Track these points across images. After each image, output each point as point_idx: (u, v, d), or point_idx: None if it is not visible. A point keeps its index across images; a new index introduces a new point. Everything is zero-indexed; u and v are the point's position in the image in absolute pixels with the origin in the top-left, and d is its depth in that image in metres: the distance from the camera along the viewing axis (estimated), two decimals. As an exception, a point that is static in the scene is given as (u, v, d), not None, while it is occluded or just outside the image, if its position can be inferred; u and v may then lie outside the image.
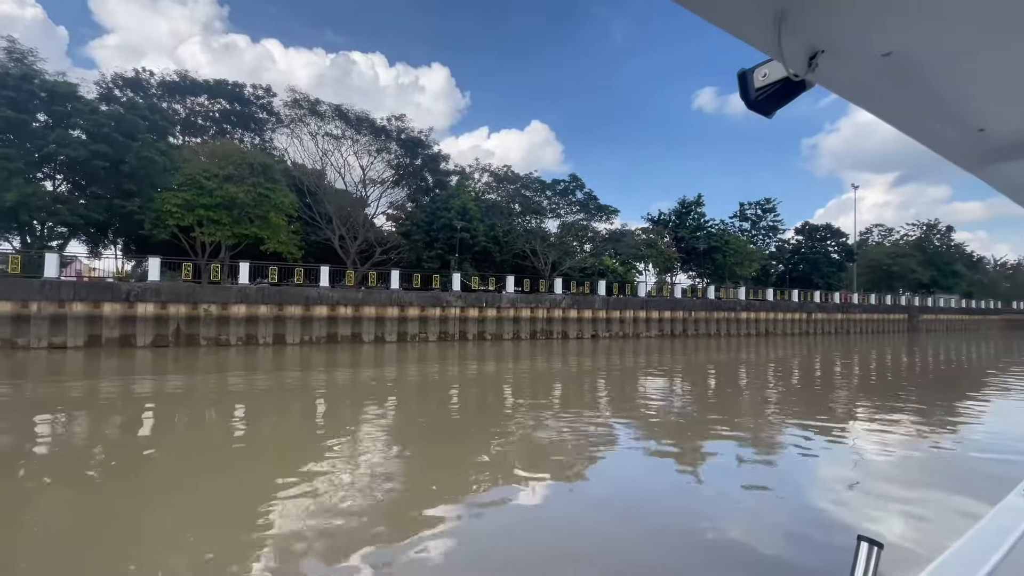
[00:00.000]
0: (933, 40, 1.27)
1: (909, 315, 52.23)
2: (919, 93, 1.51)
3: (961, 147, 1.90)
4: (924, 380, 17.92)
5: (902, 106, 1.57)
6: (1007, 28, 1.21)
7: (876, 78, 1.40)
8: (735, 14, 1.13)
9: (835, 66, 1.29)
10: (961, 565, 1.74)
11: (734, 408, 12.07)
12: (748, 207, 58.26)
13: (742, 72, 1.33)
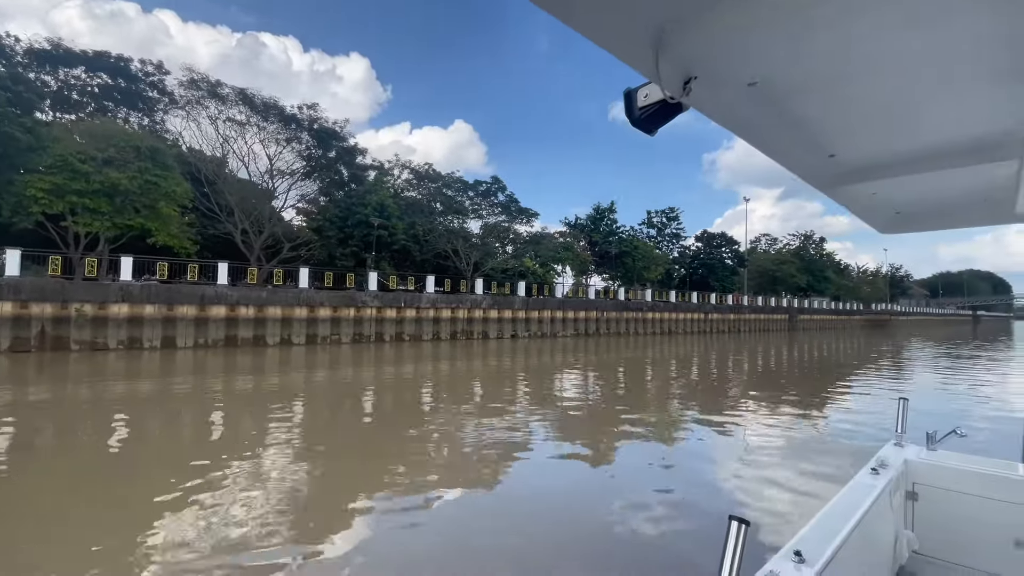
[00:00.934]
0: (792, 73, 1.38)
1: (789, 315, 58.76)
2: (780, 120, 1.61)
3: (816, 170, 2.04)
4: (801, 372, 20.30)
5: (766, 131, 1.67)
6: (854, 63, 1.32)
7: (743, 105, 1.49)
8: (617, 38, 1.17)
9: (707, 92, 1.36)
10: (818, 537, 1.97)
11: (641, 401, 12.87)
12: (655, 215, 62.44)
13: (628, 91, 1.39)
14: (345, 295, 26.27)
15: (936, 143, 1.80)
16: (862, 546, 2.31)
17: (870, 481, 2.60)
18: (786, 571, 1.68)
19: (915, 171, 1.97)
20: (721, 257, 66.38)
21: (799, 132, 1.70)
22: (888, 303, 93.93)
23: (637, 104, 1.40)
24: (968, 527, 2.82)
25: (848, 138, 1.81)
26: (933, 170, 1.94)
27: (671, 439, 9.05)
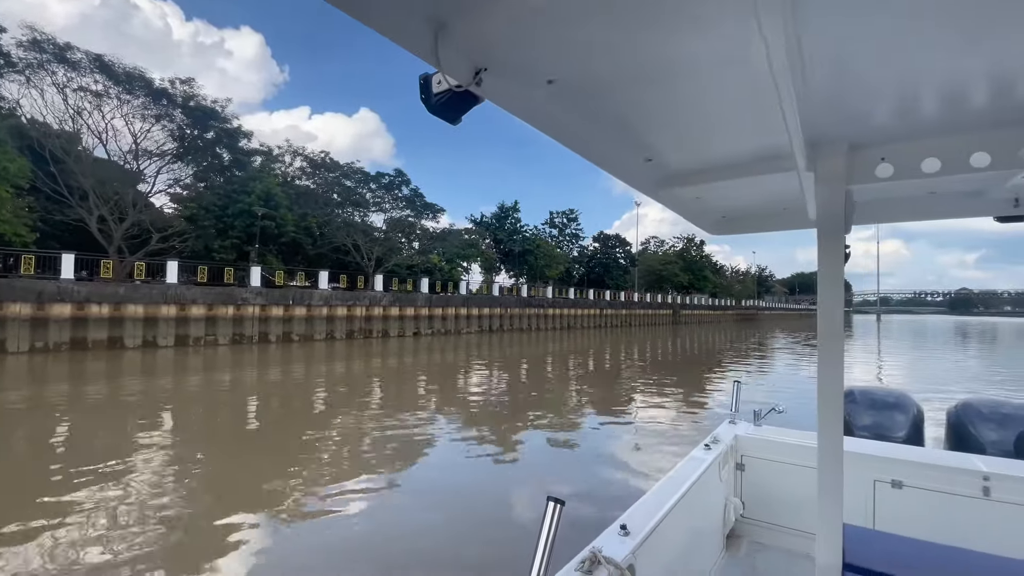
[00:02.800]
0: (592, 73, 1.30)
1: (673, 311, 64.24)
2: (590, 122, 1.52)
3: (635, 174, 1.98)
4: (684, 361, 22.22)
5: (576, 132, 1.56)
6: (653, 67, 1.27)
7: (546, 102, 1.38)
8: (393, 23, 1.06)
9: (502, 85, 1.25)
10: (645, 510, 2.12)
11: (542, 394, 13.22)
12: (557, 216, 64.89)
13: (424, 76, 1.26)
14: (223, 292, 23.83)
15: (739, 152, 1.86)
16: (692, 514, 2.50)
17: (703, 455, 2.86)
18: (610, 545, 1.77)
19: (725, 178, 2.01)
20: (616, 257, 70.74)
21: (611, 135, 1.64)
22: (756, 299, 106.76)
23: (432, 90, 1.26)
24: (783, 491, 3.20)
25: (661, 143, 1.76)
26: (739, 177, 2.01)
27: (568, 429, 9.38)
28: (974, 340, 41.03)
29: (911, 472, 2.83)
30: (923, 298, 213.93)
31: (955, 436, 3.46)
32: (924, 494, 2.76)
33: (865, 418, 3.60)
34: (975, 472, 2.69)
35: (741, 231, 2.89)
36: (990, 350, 31.50)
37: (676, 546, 2.30)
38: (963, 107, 1.51)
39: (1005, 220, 2.25)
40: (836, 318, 2.05)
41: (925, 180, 2.19)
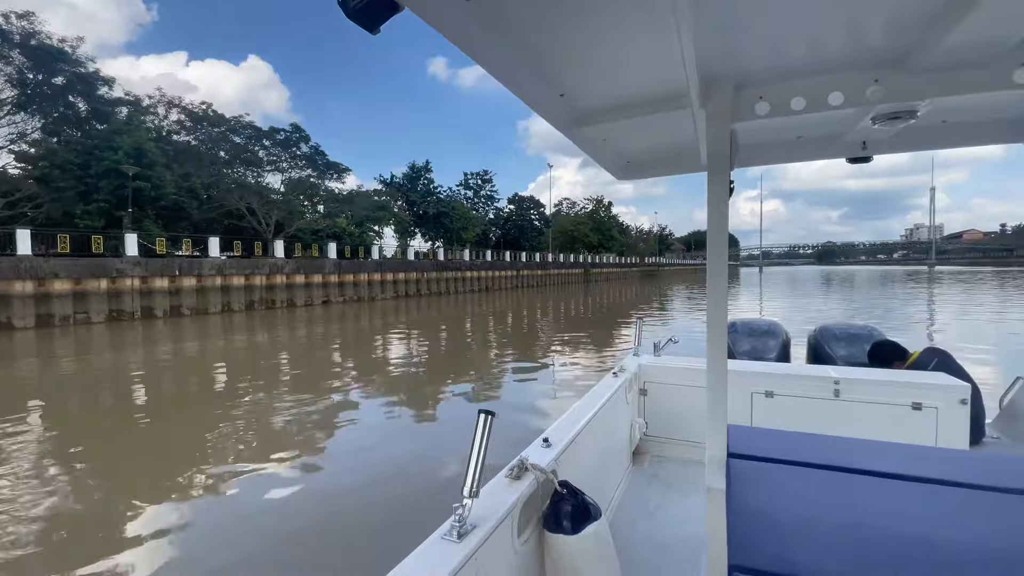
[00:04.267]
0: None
1: (585, 269, 67.09)
2: (508, 48, 1.51)
3: (551, 109, 2.00)
4: (595, 314, 23.39)
5: (496, 57, 1.55)
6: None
7: (466, 22, 1.34)
8: None
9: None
10: (564, 427, 2.42)
11: (463, 354, 13.26)
12: (471, 177, 63.95)
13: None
14: (92, 263, 20.85)
15: (643, 91, 1.94)
16: (602, 431, 2.85)
17: (611, 382, 3.25)
18: (535, 455, 2.02)
19: (631, 116, 2.11)
20: (531, 219, 71.75)
21: (530, 64, 1.64)
22: (657, 257, 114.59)
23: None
24: (680, 409, 3.71)
25: (573, 79, 1.80)
26: (643, 115, 2.09)
27: (491, 385, 9.52)
28: (835, 285, 47.54)
29: (780, 383, 3.36)
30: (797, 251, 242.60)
31: (814, 353, 4.25)
32: (790, 399, 3.31)
33: (745, 344, 4.29)
34: (828, 379, 3.25)
35: (644, 176, 3.05)
36: (848, 292, 36.82)
37: (591, 458, 2.61)
38: (824, 50, 1.66)
39: (854, 161, 2.52)
40: (722, 253, 2.22)
41: (795, 124, 2.39)
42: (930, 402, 3.02)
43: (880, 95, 1.71)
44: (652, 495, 3.15)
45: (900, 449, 2.15)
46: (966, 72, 1.62)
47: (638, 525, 2.82)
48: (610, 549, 1.83)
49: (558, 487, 1.82)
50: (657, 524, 2.82)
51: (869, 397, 3.13)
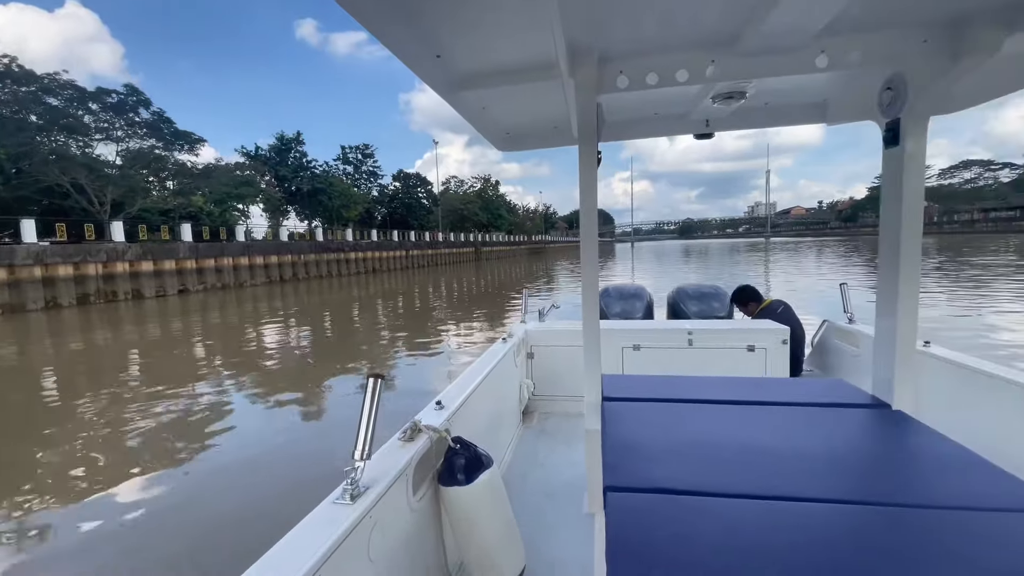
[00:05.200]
0: None
1: (476, 248, 67.59)
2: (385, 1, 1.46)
3: (429, 71, 1.96)
4: (488, 290, 23.73)
5: (371, 8, 1.50)
6: None
7: None
8: None
9: None
10: (456, 390, 2.48)
11: (350, 340, 12.63)
12: (350, 151, 60.27)
13: None
14: None
15: (517, 58, 1.97)
16: (493, 393, 3.01)
17: (500, 348, 3.46)
18: (428, 416, 2.12)
19: (507, 83, 2.14)
20: (418, 197, 70.02)
21: (406, 22, 1.60)
22: (543, 235, 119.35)
23: None
24: (562, 368, 4.06)
25: (449, 40, 1.78)
26: (517, 83, 2.14)
27: (385, 369, 9.22)
28: (694, 257, 53.69)
29: (645, 337, 3.83)
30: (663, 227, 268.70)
31: (672, 310, 4.86)
32: (654, 350, 3.80)
33: (616, 307, 4.75)
34: (683, 331, 3.78)
35: (523, 147, 3.17)
36: (704, 262, 41.87)
37: (483, 418, 2.77)
38: (673, 29, 1.83)
39: (700, 137, 2.86)
40: (592, 221, 2.41)
41: (652, 101, 2.64)
42: (760, 344, 3.62)
43: (717, 74, 1.96)
44: (541, 448, 3.39)
45: (738, 381, 2.55)
46: (780, 56, 1.91)
47: (529, 476, 3.02)
48: (502, 495, 1.95)
49: (451, 443, 1.88)
50: (546, 472, 3.05)
51: (715, 343, 3.68)
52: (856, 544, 1.21)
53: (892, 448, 1.82)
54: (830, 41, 1.85)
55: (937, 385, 2.74)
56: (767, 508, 1.36)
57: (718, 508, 1.38)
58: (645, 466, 1.64)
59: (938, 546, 1.19)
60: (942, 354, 2.74)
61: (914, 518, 1.30)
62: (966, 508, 1.32)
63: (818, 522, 1.29)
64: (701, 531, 1.28)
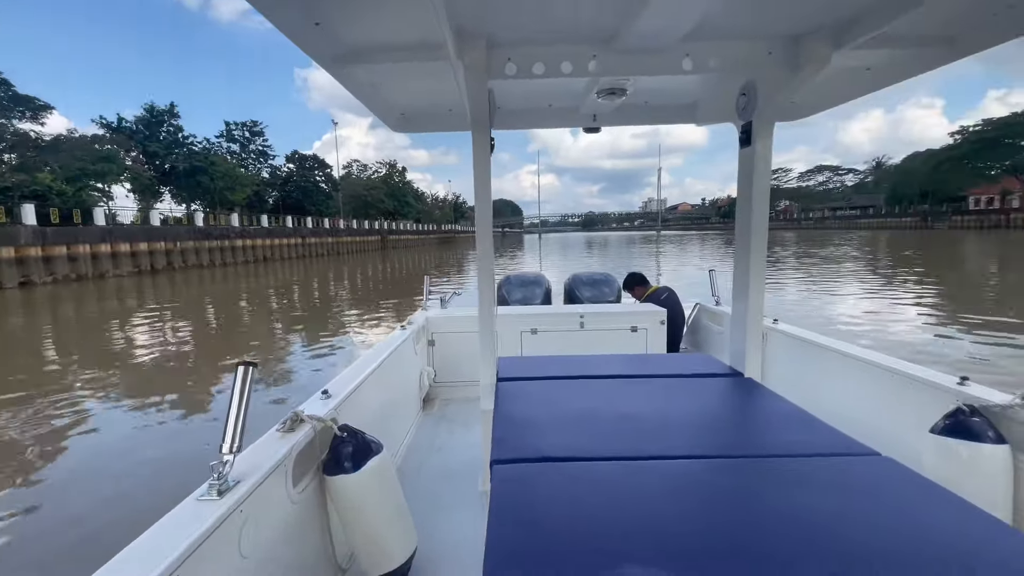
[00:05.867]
0: None
1: (382, 236, 65.23)
2: None
3: (306, 36, 1.84)
4: (395, 280, 23.00)
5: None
6: None
7: None
8: None
9: None
10: (352, 374, 2.43)
11: (237, 338, 11.55)
12: (235, 128, 54.88)
13: None
14: None
15: (405, 35, 1.91)
16: (390, 381, 2.95)
17: (398, 336, 3.41)
18: (312, 406, 2.03)
19: (395, 60, 2.07)
20: (315, 181, 65.70)
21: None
22: (453, 224, 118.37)
23: None
24: (462, 354, 4.11)
25: (327, 6, 1.67)
26: (407, 61, 2.08)
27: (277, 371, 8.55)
28: (595, 248, 56.62)
29: (542, 322, 4.02)
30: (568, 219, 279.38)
31: (568, 296, 5.11)
32: (550, 333, 4.00)
33: (517, 293, 4.90)
34: (576, 315, 4.02)
35: (419, 130, 3.10)
36: (604, 252, 44.34)
37: (378, 406, 2.69)
38: (556, 22, 1.90)
39: (589, 131, 3.02)
40: (486, 206, 2.45)
41: (545, 92, 2.73)
42: (642, 325, 3.96)
43: (599, 69, 2.07)
44: (440, 433, 3.41)
45: (620, 358, 2.76)
46: (653, 56, 2.07)
47: (426, 462, 3.03)
48: (392, 480, 1.93)
49: (338, 431, 1.82)
50: (444, 457, 3.08)
51: (603, 325, 3.96)
52: (709, 489, 1.39)
53: (741, 410, 2.09)
54: (694, 46, 2.04)
55: (781, 355, 3.19)
56: (637, 467, 1.52)
57: (595, 470, 1.51)
58: (531, 439, 1.73)
59: (771, 486, 1.40)
60: (786, 329, 3.19)
61: (754, 465, 1.53)
62: (794, 455, 1.57)
63: (679, 474, 1.48)
64: (579, 490, 1.39)
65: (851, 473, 1.48)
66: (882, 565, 1.04)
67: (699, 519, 1.24)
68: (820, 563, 1.05)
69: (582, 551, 1.11)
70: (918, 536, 1.15)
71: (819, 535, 1.16)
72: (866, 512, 1.25)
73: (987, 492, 1.74)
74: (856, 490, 1.37)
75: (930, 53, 1.99)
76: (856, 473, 1.47)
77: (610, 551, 1.11)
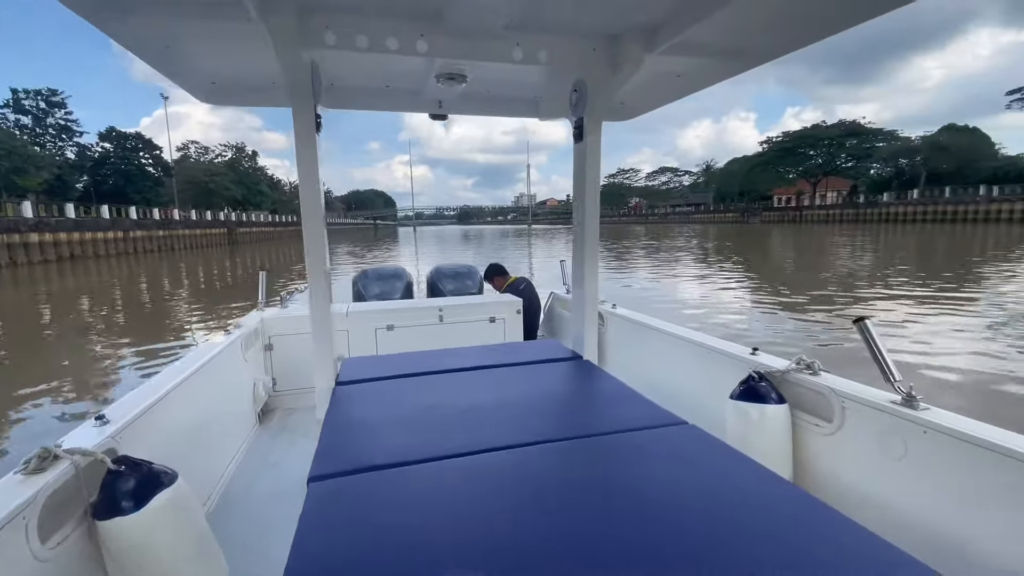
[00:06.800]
0: None
1: (229, 229, 58.00)
2: None
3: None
4: (245, 281, 20.50)
5: None
6: None
7: None
8: None
9: None
10: (145, 392, 2.01)
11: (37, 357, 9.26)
12: (25, 96, 44.39)
13: None
14: None
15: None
16: (203, 396, 2.50)
17: (220, 342, 2.91)
18: (78, 437, 1.61)
19: (177, 14, 1.77)
20: (140, 163, 56.02)
21: None
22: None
23: None
24: (305, 358, 3.75)
25: None
26: (190, 17, 1.78)
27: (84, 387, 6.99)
28: (472, 241, 57.13)
29: (399, 317, 3.81)
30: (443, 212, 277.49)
31: (431, 289, 4.94)
32: (408, 329, 3.82)
33: (375, 289, 4.65)
34: (434, 308, 3.90)
35: (236, 103, 2.74)
36: (480, 245, 44.95)
37: (188, 426, 2.30)
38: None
39: (436, 117, 2.91)
40: (315, 196, 2.21)
41: (382, 72, 2.55)
42: (499, 315, 4.00)
43: (429, 49, 1.97)
44: (276, 448, 3.06)
45: (472, 350, 2.73)
46: (483, 42, 2.03)
47: (258, 482, 2.69)
48: (191, 513, 1.63)
49: (112, 465, 1.48)
50: (278, 474, 2.76)
51: (462, 318, 3.91)
52: (551, 473, 1.41)
53: (576, 392, 2.18)
54: (523, 36, 2.04)
55: (618, 337, 3.46)
56: (478, 461, 1.48)
57: (427, 472, 1.43)
58: (359, 447, 1.61)
59: (597, 463, 1.48)
60: (623, 313, 3.45)
61: (581, 446, 1.59)
62: (617, 431, 1.67)
63: (522, 462, 1.48)
64: (404, 499, 1.30)
65: (663, 442, 1.61)
66: (688, 522, 1.16)
67: (526, 508, 1.24)
68: (634, 527, 1.14)
69: (394, 567, 1.03)
70: (715, 493, 1.29)
71: (633, 502, 1.25)
72: (674, 476, 1.37)
73: (774, 445, 2.03)
74: (666, 457, 1.50)
75: (727, 63, 2.24)
76: (668, 442, 1.61)
77: (426, 561, 1.05)
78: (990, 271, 16.68)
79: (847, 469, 1.87)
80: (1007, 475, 1.36)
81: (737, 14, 1.76)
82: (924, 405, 1.64)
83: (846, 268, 19.21)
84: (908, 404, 1.66)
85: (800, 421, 2.04)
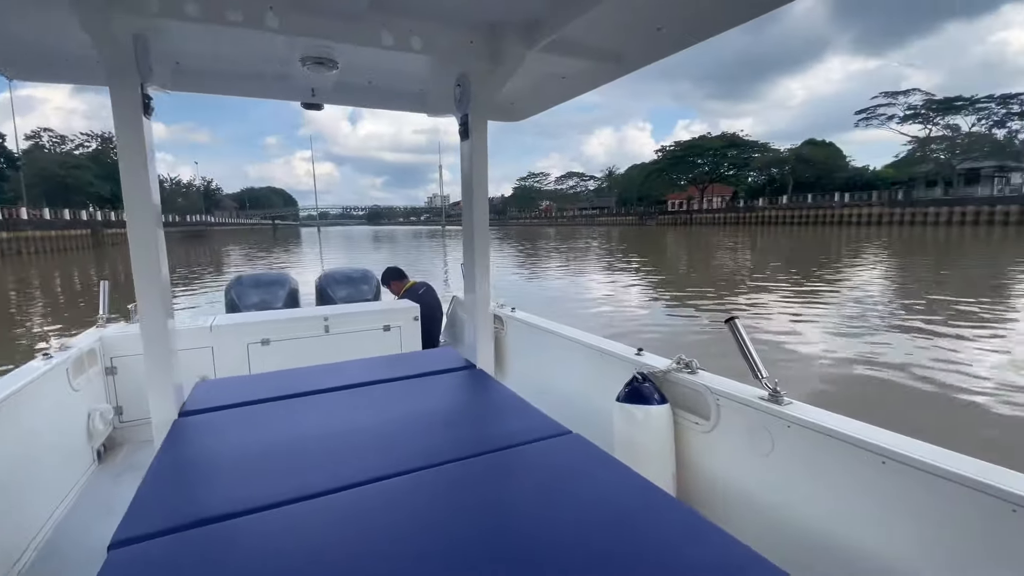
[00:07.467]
0: None
1: (94, 230, 50.65)
2: None
3: None
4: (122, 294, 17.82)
5: None
6: None
7: None
8: None
9: None
10: None
11: None
12: None
13: None
14: None
15: None
16: (14, 436, 2.03)
17: (32, 368, 2.35)
18: None
19: None
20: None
21: None
22: (204, 215, 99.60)
23: None
24: None
25: None
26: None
27: None
28: (384, 243, 55.07)
29: (277, 329, 3.40)
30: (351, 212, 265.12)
31: (320, 296, 4.52)
32: (287, 342, 3.43)
33: (252, 297, 4.18)
34: (319, 318, 3.52)
35: (44, 79, 2.34)
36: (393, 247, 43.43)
37: None
38: None
39: (309, 107, 2.63)
40: (147, 193, 1.88)
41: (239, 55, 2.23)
42: (395, 323, 3.75)
43: (280, 26, 1.73)
44: (120, 491, 2.57)
45: (355, 364, 2.49)
46: (345, 23, 1.79)
47: (93, 533, 2.24)
48: None
49: None
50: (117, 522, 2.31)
51: (352, 327, 3.60)
52: (427, 504, 1.28)
53: (466, 405, 2.04)
54: (390, 18, 1.87)
55: (516, 341, 3.39)
56: (343, 499, 1.29)
57: (277, 521, 1.21)
58: (186, 496, 1.34)
59: (487, 483, 1.39)
60: (522, 317, 3.38)
61: (471, 465, 1.47)
62: (507, 447, 1.57)
63: (395, 496, 1.31)
64: (241, 560, 1.07)
65: (548, 455, 1.54)
66: (570, 538, 1.12)
67: (397, 552, 1.09)
68: (518, 548, 1.08)
69: None
70: (593, 505, 1.25)
71: (517, 522, 1.19)
72: (553, 494, 1.31)
73: (658, 445, 2.05)
74: (549, 470, 1.44)
75: (608, 65, 2.24)
76: (552, 455, 1.54)
77: None
78: (844, 267, 19.37)
79: (723, 466, 1.93)
80: (863, 467, 1.45)
81: (613, 14, 1.74)
82: (788, 400, 1.72)
83: (728, 267, 21.26)
84: (774, 400, 1.73)
85: (681, 420, 2.08)
